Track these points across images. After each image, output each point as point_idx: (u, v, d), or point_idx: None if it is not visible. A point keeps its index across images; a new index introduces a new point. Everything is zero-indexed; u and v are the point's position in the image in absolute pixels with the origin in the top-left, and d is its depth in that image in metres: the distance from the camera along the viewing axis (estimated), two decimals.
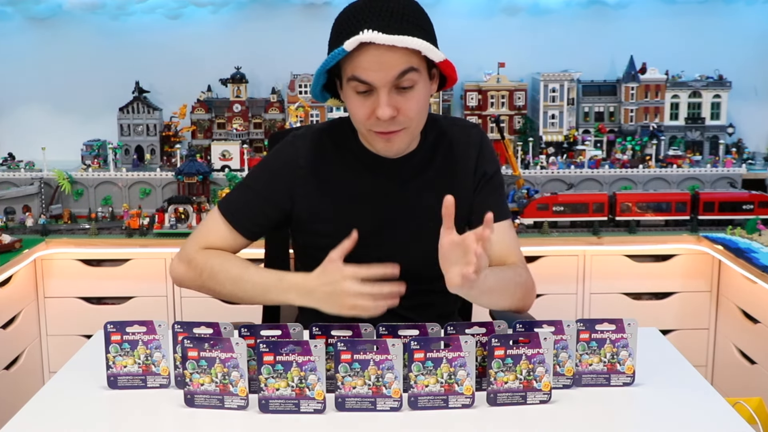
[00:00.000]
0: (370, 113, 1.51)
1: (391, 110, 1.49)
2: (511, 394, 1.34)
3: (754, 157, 3.49)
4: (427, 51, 1.47)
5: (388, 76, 1.47)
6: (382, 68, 1.46)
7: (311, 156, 1.67)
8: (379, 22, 1.45)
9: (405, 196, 1.66)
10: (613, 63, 3.55)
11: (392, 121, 1.51)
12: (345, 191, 1.67)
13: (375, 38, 1.43)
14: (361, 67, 1.47)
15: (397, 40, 1.44)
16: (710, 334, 3.06)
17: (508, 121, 3.46)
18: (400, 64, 1.47)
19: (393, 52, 1.45)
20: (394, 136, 1.55)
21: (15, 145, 3.51)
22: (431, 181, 1.67)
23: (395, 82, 1.48)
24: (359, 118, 1.54)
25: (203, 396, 1.33)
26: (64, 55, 3.50)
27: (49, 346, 3.05)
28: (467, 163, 1.70)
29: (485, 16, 3.48)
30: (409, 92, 1.51)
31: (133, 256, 3.01)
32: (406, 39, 1.44)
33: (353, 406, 1.31)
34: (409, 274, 1.66)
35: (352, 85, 1.50)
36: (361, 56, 1.46)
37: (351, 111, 1.56)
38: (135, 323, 1.40)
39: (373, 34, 1.43)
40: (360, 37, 1.43)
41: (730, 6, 3.51)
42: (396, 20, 1.47)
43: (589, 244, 2.99)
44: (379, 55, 1.45)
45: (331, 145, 1.69)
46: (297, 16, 3.43)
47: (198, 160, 3.24)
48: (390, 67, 1.46)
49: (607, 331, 1.40)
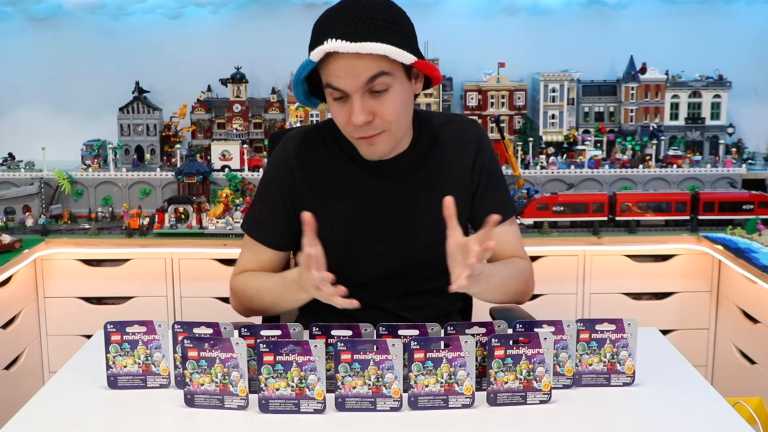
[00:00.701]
0: (348, 119, 1.52)
1: (365, 115, 1.50)
2: (511, 394, 1.34)
3: (754, 157, 3.49)
4: (394, 55, 1.47)
5: (357, 83, 1.47)
6: (351, 75, 1.47)
7: (303, 156, 1.68)
8: (344, 30, 1.46)
9: (400, 195, 1.66)
10: (613, 63, 3.55)
11: (369, 125, 1.52)
12: (339, 190, 1.67)
13: (338, 47, 1.44)
14: (333, 74, 1.48)
15: (360, 47, 1.44)
16: (710, 334, 3.06)
17: (508, 121, 3.46)
18: (369, 69, 1.47)
19: (360, 59, 1.46)
20: (376, 140, 1.56)
21: (15, 145, 3.51)
22: (426, 180, 1.67)
23: (366, 86, 1.48)
24: (340, 124, 1.56)
25: (203, 396, 1.33)
26: (64, 55, 3.50)
27: (49, 346, 3.05)
28: (465, 161, 1.69)
29: (485, 16, 3.48)
30: (383, 96, 1.50)
31: (133, 256, 3.01)
32: (369, 45, 1.44)
33: (353, 406, 1.31)
34: (405, 273, 1.66)
35: (328, 92, 1.53)
36: (330, 64, 1.48)
37: (334, 117, 1.57)
38: (135, 323, 1.40)
39: (337, 43, 1.44)
40: (324, 47, 1.45)
41: (730, 6, 3.51)
42: (362, 26, 1.47)
43: (589, 244, 2.99)
44: (346, 62, 1.46)
45: (323, 145, 1.69)
46: (297, 16, 3.43)
47: (198, 160, 3.24)
48: (359, 72, 1.47)
49: (607, 331, 1.40)
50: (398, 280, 1.67)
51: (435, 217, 1.67)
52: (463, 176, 1.69)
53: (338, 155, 1.68)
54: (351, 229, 1.65)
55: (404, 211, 1.66)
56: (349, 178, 1.66)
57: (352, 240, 1.65)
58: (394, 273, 1.66)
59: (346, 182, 1.67)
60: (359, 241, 1.65)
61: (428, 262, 1.68)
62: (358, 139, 1.57)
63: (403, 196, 1.66)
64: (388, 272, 1.66)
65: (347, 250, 1.64)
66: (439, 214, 1.67)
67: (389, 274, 1.66)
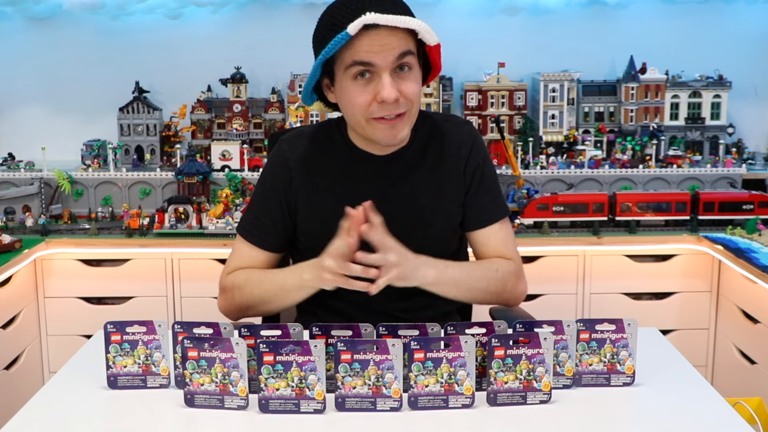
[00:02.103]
0: (372, 99, 1.53)
1: (395, 92, 1.51)
2: (511, 394, 1.34)
3: (754, 157, 3.49)
4: (426, 32, 1.52)
5: (389, 57, 1.50)
6: (384, 49, 1.49)
7: (300, 158, 1.69)
8: (380, 6, 1.49)
9: (397, 194, 1.67)
10: (613, 63, 3.55)
11: (395, 104, 1.53)
12: (337, 190, 1.67)
13: (379, 19, 1.46)
14: (363, 50, 1.49)
15: (399, 20, 1.48)
16: (710, 334, 3.06)
17: (508, 121, 3.46)
18: (401, 45, 1.51)
19: (393, 34, 1.49)
20: (398, 122, 1.56)
21: (15, 145, 3.51)
22: (423, 179, 1.68)
23: (396, 63, 1.51)
24: (360, 105, 1.54)
25: (203, 396, 1.33)
26: (64, 55, 3.50)
27: (49, 346, 3.05)
28: (458, 162, 1.70)
29: (485, 16, 3.48)
30: (408, 74, 1.54)
31: (133, 256, 3.01)
32: (407, 19, 1.49)
33: (353, 406, 1.31)
34: None
35: (351, 72, 1.52)
36: (362, 40, 1.49)
37: (349, 100, 1.56)
38: (135, 323, 1.40)
39: (377, 15, 1.46)
40: (364, 18, 1.46)
41: (730, 6, 3.51)
42: (393, 3, 1.52)
43: (589, 244, 2.99)
44: (380, 37, 1.49)
45: (320, 146, 1.70)
46: (297, 16, 3.43)
47: (198, 160, 3.24)
48: (391, 47, 1.50)
49: (607, 331, 1.40)
50: None
51: (432, 217, 1.68)
52: (456, 177, 1.70)
53: (336, 156, 1.68)
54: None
55: (402, 211, 1.66)
56: (348, 178, 1.67)
57: None
58: None
59: (344, 183, 1.67)
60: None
61: None
62: (379, 121, 1.56)
63: (401, 197, 1.67)
64: None
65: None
66: (435, 214, 1.68)
67: None
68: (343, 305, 1.68)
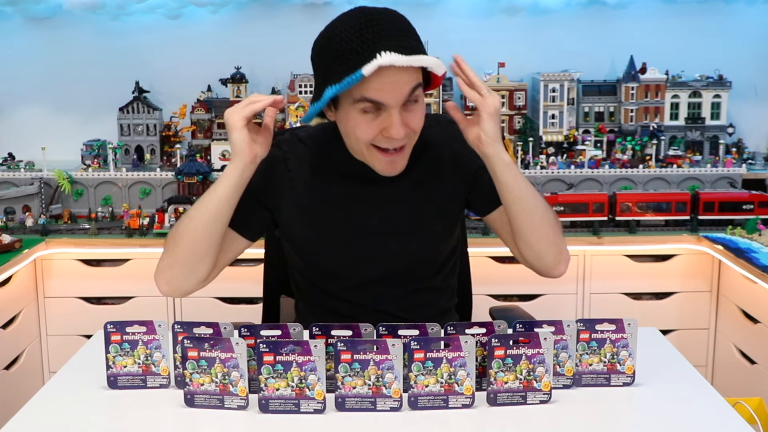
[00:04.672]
0: (378, 133, 1.50)
1: (405, 129, 1.48)
2: (511, 394, 1.34)
3: (754, 157, 3.49)
4: (436, 66, 1.48)
5: (401, 96, 1.46)
6: (396, 88, 1.45)
7: (298, 160, 1.67)
8: (394, 43, 1.43)
9: (392, 199, 1.65)
10: (613, 63, 3.55)
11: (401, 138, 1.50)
12: (333, 194, 1.65)
13: (394, 61, 1.41)
14: (374, 88, 1.44)
15: (414, 60, 1.43)
16: (710, 334, 3.06)
17: (508, 121, 3.46)
18: (411, 82, 1.47)
19: (405, 72, 1.45)
20: (399, 156, 1.54)
21: (15, 145, 3.51)
22: (417, 182, 1.66)
23: (405, 100, 1.47)
24: (365, 138, 1.51)
25: (203, 396, 1.33)
26: (64, 55, 3.50)
27: (49, 346, 3.05)
28: (453, 159, 1.68)
29: (485, 16, 3.48)
30: (414, 107, 1.50)
31: (133, 256, 3.01)
32: (421, 58, 1.44)
33: (353, 406, 1.31)
34: (401, 275, 1.67)
35: (359, 107, 1.48)
36: (375, 78, 1.43)
37: (354, 131, 1.52)
38: (135, 323, 1.40)
39: (392, 56, 1.41)
40: (380, 60, 1.40)
41: (730, 6, 3.51)
42: (405, 39, 1.46)
43: (589, 244, 2.99)
44: (393, 76, 1.44)
45: (318, 150, 1.67)
46: (297, 16, 3.43)
47: (198, 160, 3.24)
48: (402, 85, 1.45)
49: (607, 331, 1.40)
50: (393, 282, 1.67)
51: (428, 220, 1.67)
52: (453, 175, 1.68)
53: (335, 161, 1.66)
54: (346, 232, 1.65)
55: (398, 213, 1.65)
56: (345, 181, 1.65)
57: (347, 243, 1.65)
58: (388, 275, 1.66)
59: (341, 185, 1.66)
60: (354, 244, 1.65)
61: (422, 263, 1.69)
62: (380, 153, 1.53)
63: (397, 199, 1.66)
64: (383, 274, 1.66)
65: (342, 253, 1.64)
66: (431, 217, 1.67)
67: (383, 276, 1.66)
68: (344, 305, 1.68)
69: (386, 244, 1.65)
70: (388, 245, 1.65)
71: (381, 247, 1.65)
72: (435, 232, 1.70)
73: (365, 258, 1.65)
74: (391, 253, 1.65)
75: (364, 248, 1.65)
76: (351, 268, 1.66)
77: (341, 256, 1.65)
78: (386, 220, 1.65)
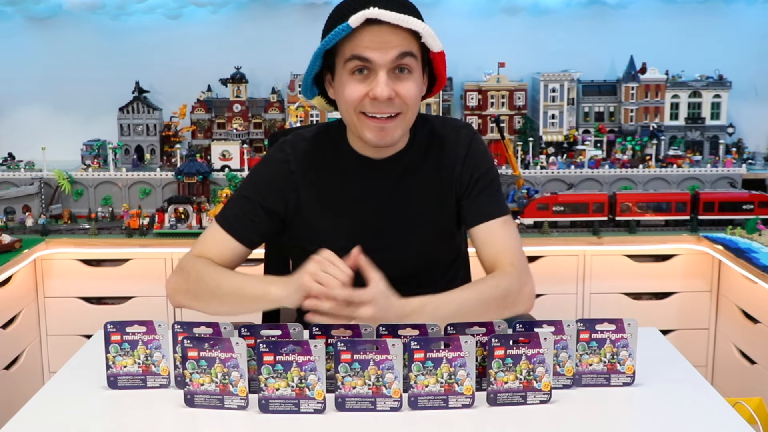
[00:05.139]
0: (365, 94, 1.52)
1: (389, 90, 1.50)
2: (511, 394, 1.34)
3: (754, 157, 3.49)
4: (427, 35, 1.50)
5: (388, 56, 1.49)
6: (384, 47, 1.49)
7: (302, 161, 1.67)
8: (385, 2, 1.48)
9: (397, 198, 1.65)
10: (613, 63, 3.55)
11: (389, 103, 1.52)
12: (337, 195, 1.66)
13: (382, 15, 1.46)
14: (362, 45, 1.49)
15: (403, 19, 1.47)
16: (710, 334, 3.06)
17: (508, 121, 3.46)
18: (401, 45, 1.50)
19: (395, 33, 1.49)
20: (389, 123, 1.54)
21: (15, 145, 3.51)
22: (423, 182, 1.66)
23: (394, 62, 1.50)
24: (353, 99, 1.53)
25: (203, 396, 1.33)
26: (64, 55, 3.50)
27: (49, 346, 3.05)
28: (455, 164, 1.68)
29: (485, 16, 3.48)
30: (406, 77, 1.53)
31: (133, 256, 3.01)
32: (411, 19, 1.48)
33: (353, 406, 1.31)
34: (406, 275, 1.66)
35: (349, 67, 1.52)
36: (363, 35, 1.48)
37: (344, 95, 1.55)
38: (135, 323, 1.40)
39: (381, 11, 1.46)
40: (367, 12, 1.45)
41: (730, 6, 3.51)
42: (402, 6, 1.51)
43: (589, 244, 2.99)
44: (382, 34, 1.48)
45: (321, 151, 1.68)
46: (297, 16, 3.43)
47: (198, 160, 3.24)
48: (391, 46, 1.49)
49: (607, 331, 1.40)
50: (396, 284, 1.65)
51: (429, 223, 1.66)
52: (453, 180, 1.68)
53: (337, 160, 1.67)
54: (350, 235, 1.64)
55: (401, 216, 1.65)
56: (350, 182, 1.66)
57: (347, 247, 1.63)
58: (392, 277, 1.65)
59: (346, 187, 1.66)
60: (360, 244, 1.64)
61: (425, 266, 1.68)
62: (369, 120, 1.54)
63: (400, 202, 1.65)
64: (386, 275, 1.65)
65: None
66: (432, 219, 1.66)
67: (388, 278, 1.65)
68: None
69: (390, 244, 1.65)
70: (392, 245, 1.65)
71: (385, 247, 1.64)
72: (434, 238, 1.69)
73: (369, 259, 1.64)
74: (395, 254, 1.64)
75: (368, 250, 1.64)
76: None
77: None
78: (390, 220, 1.65)
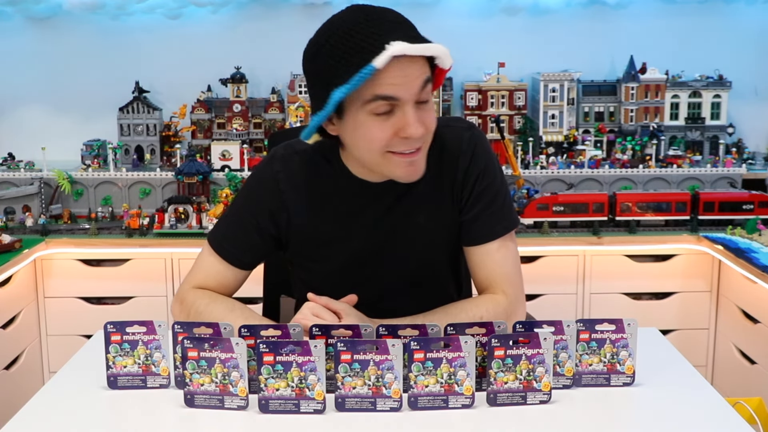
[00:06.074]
0: (393, 134, 1.41)
1: (423, 128, 1.41)
2: (511, 394, 1.34)
3: (754, 157, 3.49)
4: (445, 55, 1.42)
5: (413, 89, 1.39)
6: (407, 80, 1.37)
7: (291, 179, 1.59)
8: (401, 33, 1.36)
9: (395, 215, 1.59)
10: (613, 63, 3.55)
11: (419, 138, 1.42)
12: (332, 214, 1.60)
13: (407, 49, 1.34)
14: (386, 83, 1.36)
15: (426, 48, 1.37)
16: (710, 334, 3.06)
17: (508, 121, 3.46)
18: (422, 73, 1.40)
19: (416, 63, 1.38)
20: (416, 156, 1.45)
21: (15, 145, 3.51)
22: (421, 196, 1.58)
23: (419, 94, 1.40)
24: (380, 140, 1.42)
25: (203, 396, 1.33)
26: (64, 55, 3.50)
27: (49, 346, 3.05)
28: (456, 175, 1.59)
29: (485, 16, 3.48)
30: (426, 105, 1.43)
31: (133, 256, 3.01)
32: (432, 46, 1.39)
33: (353, 406, 1.31)
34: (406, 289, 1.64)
35: (371, 108, 1.39)
36: (387, 72, 1.35)
37: (369, 138, 1.42)
38: (135, 323, 1.40)
39: (405, 45, 1.33)
40: (392, 50, 1.33)
41: (730, 6, 3.51)
42: (410, 29, 1.42)
43: (589, 244, 2.99)
44: (403, 67, 1.36)
45: (316, 168, 1.60)
46: (297, 16, 3.43)
47: (198, 160, 3.24)
48: (414, 78, 1.38)
49: (607, 331, 1.40)
50: (394, 299, 1.61)
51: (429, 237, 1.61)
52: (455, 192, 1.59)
53: (332, 179, 1.59)
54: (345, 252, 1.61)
55: (399, 232, 1.60)
56: (345, 201, 1.59)
57: (347, 263, 1.61)
58: (389, 292, 1.61)
59: (341, 205, 1.59)
60: (354, 264, 1.61)
61: (428, 272, 1.66)
62: (398, 157, 1.44)
63: (398, 217, 1.59)
64: (384, 292, 1.61)
65: (348, 271, 1.61)
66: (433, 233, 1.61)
67: (385, 294, 1.61)
68: None
69: (390, 258, 1.61)
70: (392, 259, 1.61)
71: (385, 260, 1.61)
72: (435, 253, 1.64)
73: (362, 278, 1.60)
74: (395, 267, 1.61)
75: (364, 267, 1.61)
76: (349, 287, 1.58)
77: (340, 276, 1.62)
78: (390, 234, 1.59)
